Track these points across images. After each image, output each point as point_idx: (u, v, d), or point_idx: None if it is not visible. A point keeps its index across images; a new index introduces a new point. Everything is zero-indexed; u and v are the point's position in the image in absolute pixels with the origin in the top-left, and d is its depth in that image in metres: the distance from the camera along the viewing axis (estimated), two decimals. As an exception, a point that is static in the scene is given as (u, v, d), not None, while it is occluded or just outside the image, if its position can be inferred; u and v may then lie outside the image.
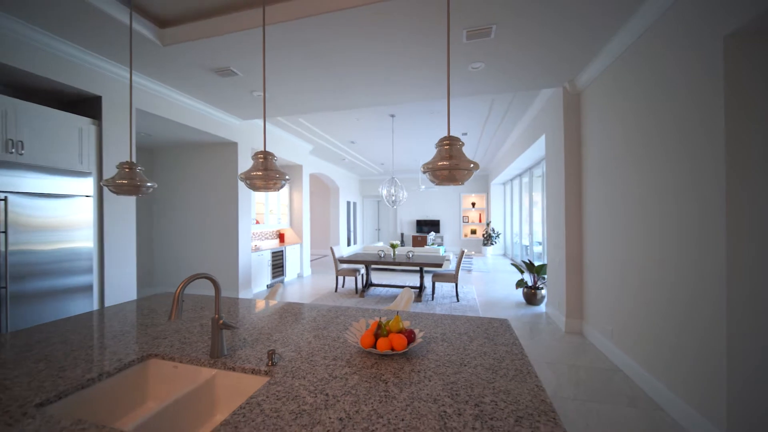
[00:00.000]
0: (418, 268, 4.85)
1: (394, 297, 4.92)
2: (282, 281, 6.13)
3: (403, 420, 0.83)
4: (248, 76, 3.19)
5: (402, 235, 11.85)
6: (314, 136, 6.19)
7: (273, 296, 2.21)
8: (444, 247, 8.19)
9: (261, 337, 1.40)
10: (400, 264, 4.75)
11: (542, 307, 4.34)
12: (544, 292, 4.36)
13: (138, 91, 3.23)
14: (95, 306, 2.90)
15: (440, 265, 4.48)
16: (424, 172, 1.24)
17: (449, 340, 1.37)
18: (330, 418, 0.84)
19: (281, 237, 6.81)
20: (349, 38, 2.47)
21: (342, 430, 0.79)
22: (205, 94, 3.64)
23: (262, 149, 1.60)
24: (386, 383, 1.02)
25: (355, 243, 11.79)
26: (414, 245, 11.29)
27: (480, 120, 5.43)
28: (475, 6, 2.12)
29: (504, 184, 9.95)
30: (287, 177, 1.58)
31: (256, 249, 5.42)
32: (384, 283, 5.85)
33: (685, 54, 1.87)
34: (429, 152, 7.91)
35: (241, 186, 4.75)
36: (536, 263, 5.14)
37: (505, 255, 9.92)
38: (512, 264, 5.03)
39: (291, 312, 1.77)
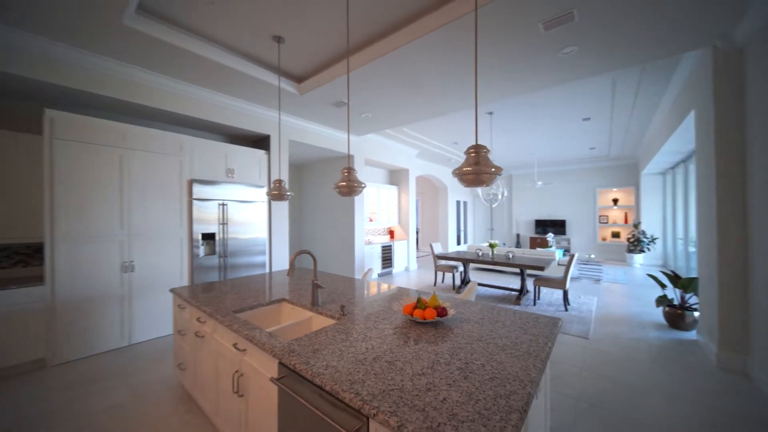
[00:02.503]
0: (519, 270, 4.56)
1: (491, 297, 4.84)
2: (390, 272, 6.99)
3: (405, 358, 1.19)
4: (356, 104, 4.00)
5: (518, 236, 10.89)
6: (418, 141, 6.73)
7: (364, 278, 2.84)
8: (561, 251, 7.10)
9: (344, 299, 1.99)
10: (496, 264, 4.64)
11: (693, 334, 3.33)
12: (697, 314, 3.34)
13: (288, 127, 4.60)
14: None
15: (542, 268, 4.12)
16: (454, 176, 1.49)
17: (482, 323, 1.56)
18: (361, 346, 1.29)
19: (391, 233, 7.71)
20: (426, 57, 2.82)
21: (364, 353, 1.23)
22: (328, 120, 4.74)
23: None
24: (408, 338, 1.37)
25: (465, 242, 11.69)
26: (532, 247, 10.19)
27: (604, 102, 4.57)
28: (547, -1, 2.06)
29: (663, 173, 7.62)
30: (364, 185, 2.12)
31: (369, 242, 6.43)
32: (484, 282, 5.76)
33: None
34: (540, 145, 7.07)
35: (357, 190, 5.82)
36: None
37: (664, 266, 7.61)
38: (649, 276, 4.01)
39: (372, 288, 2.31)
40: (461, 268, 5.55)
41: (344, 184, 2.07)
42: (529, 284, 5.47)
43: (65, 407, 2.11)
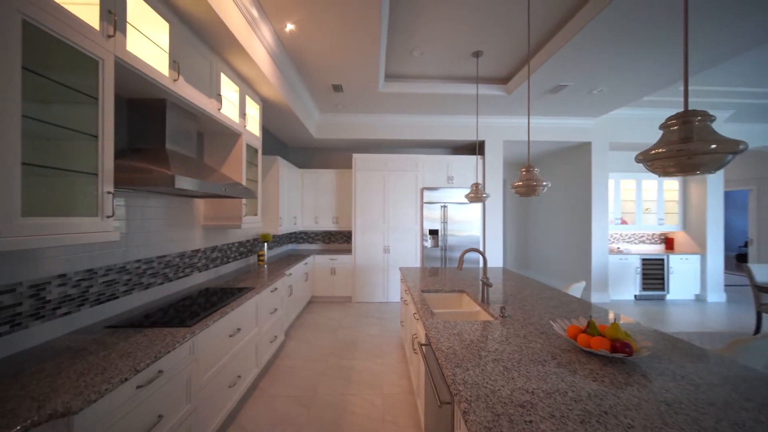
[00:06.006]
0: None
1: None
2: (662, 297, 4.86)
3: (527, 373, 1.11)
4: (578, 82, 3.32)
5: None
6: (723, 97, 4.17)
7: (566, 289, 2.42)
8: None
9: (518, 304, 1.92)
10: None
11: None
12: None
13: (502, 128, 4.62)
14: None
15: None
16: (638, 162, 1.10)
17: (703, 388, 1.00)
18: (492, 346, 1.33)
19: (668, 242, 5.32)
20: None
21: (490, 352, 1.27)
22: (546, 109, 4.22)
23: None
24: (554, 358, 1.21)
25: None
26: None
27: None
28: None
29: None
30: (545, 183, 1.91)
31: (618, 251, 4.88)
32: None
33: None
34: None
35: (595, 184, 4.66)
36: None
37: None
38: None
39: (555, 299, 2.00)
40: (844, 320, 2.85)
41: (521, 184, 1.98)
42: None
43: (388, 324, 3.65)
